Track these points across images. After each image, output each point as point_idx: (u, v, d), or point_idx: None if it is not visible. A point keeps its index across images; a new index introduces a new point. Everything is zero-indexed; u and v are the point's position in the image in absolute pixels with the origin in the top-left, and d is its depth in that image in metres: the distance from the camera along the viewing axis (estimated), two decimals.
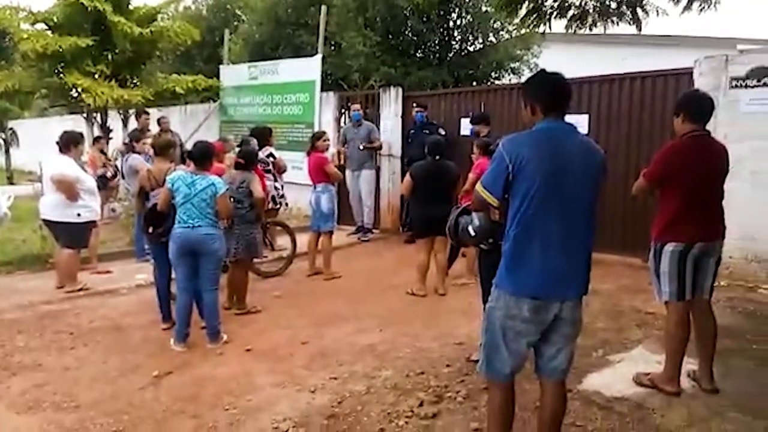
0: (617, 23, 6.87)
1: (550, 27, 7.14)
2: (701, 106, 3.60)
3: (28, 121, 21.88)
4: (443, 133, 8.33)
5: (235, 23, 15.60)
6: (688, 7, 6.19)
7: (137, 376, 4.12)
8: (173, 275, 4.89)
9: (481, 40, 12.01)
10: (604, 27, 6.97)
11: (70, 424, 3.44)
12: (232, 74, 12.11)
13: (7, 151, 19.66)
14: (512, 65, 11.78)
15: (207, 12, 16.61)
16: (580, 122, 6.98)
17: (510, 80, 11.68)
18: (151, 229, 4.93)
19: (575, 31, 7.01)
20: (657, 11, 6.67)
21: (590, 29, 6.99)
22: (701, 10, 6.14)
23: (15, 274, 6.90)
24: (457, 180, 5.91)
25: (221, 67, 12.51)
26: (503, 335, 2.66)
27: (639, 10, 6.66)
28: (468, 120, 8.01)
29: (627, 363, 4.14)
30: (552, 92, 2.68)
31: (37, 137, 17.66)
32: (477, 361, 3.73)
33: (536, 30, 7.47)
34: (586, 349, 4.21)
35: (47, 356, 4.50)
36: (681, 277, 3.55)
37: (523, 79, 10.96)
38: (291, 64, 10.87)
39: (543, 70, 2.84)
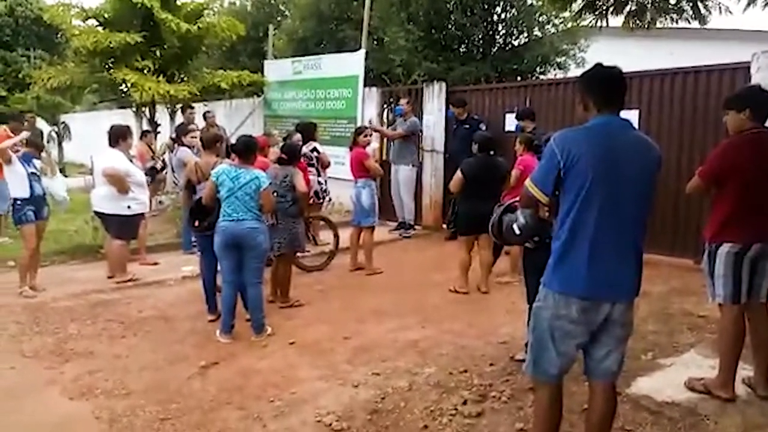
0: (677, 20, 6.63)
1: (607, 23, 6.96)
2: (765, 103, 3.46)
3: (79, 115, 22.56)
4: (485, 128, 8.25)
5: (279, 18, 15.74)
6: (752, 2, 5.92)
7: (184, 365, 4.21)
8: (219, 268, 4.97)
9: (526, 35, 11.81)
10: (664, 23, 6.75)
11: (121, 411, 3.54)
12: (276, 69, 12.23)
13: (59, 144, 20.34)
14: (558, 60, 11.53)
15: (251, 7, 16.77)
16: (630, 118, 6.77)
17: (555, 75, 11.44)
18: (196, 223, 5.02)
19: (632, 28, 6.81)
20: (720, 8, 6.41)
21: (648, 27, 6.77)
22: (766, 4, 5.87)
23: (68, 263, 7.14)
24: (506, 177, 5.85)
25: (265, 62, 12.65)
26: (551, 335, 2.61)
27: (700, 4, 6.41)
28: (513, 116, 7.91)
29: (678, 367, 4.02)
30: (606, 87, 2.61)
31: (88, 131, 18.21)
32: (522, 360, 3.69)
33: (591, 25, 7.28)
34: (635, 352, 4.11)
35: (99, 344, 4.65)
36: (736, 279, 3.42)
37: (570, 74, 10.82)
38: (334, 59, 10.91)
39: (598, 64, 2.76)
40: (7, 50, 28.40)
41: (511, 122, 8.07)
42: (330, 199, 8.06)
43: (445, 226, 8.81)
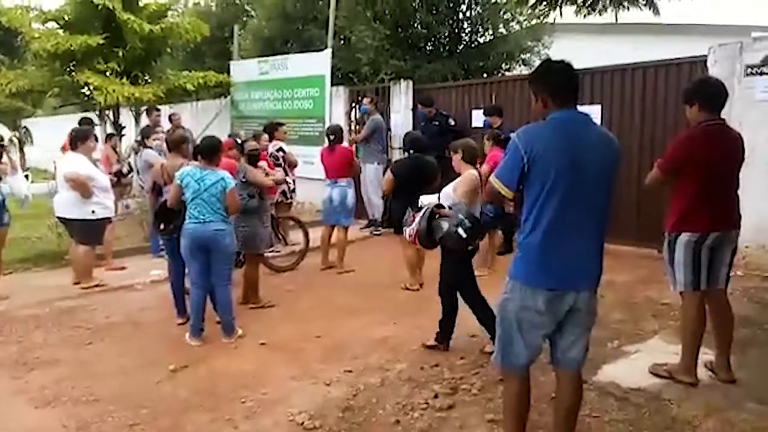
0: (627, 8, 6.77)
1: (561, 14, 7.06)
2: (715, 94, 3.55)
3: (41, 119, 22.05)
4: (453, 123, 8.33)
5: (244, 18, 15.60)
6: None
7: (154, 370, 4.15)
8: (187, 271, 4.92)
9: (491, 32, 11.90)
10: (616, 13, 6.89)
11: (89, 418, 3.49)
12: (242, 70, 12.13)
13: (21, 150, 19.85)
14: (523, 56, 11.66)
15: (216, 7, 16.60)
16: (593, 113, 6.90)
17: (521, 71, 11.58)
18: (162, 226, 4.95)
19: (585, 16, 6.92)
20: None
21: (600, 14, 6.88)
22: None
23: (32, 270, 6.99)
24: (436, 176, 5.93)
25: (231, 62, 12.54)
26: (518, 326, 2.66)
27: None
28: (479, 112, 8.00)
29: (643, 354, 4.12)
30: (560, 81, 2.66)
31: (51, 136, 17.79)
32: (491, 353, 3.75)
33: (547, 19, 7.39)
34: (601, 340, 4.20)
35: (65, 351, 4.56)
36: (696, 267, 3.52)
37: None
38: (300, 59, 10.87)
39: (548, 60, 2.81)
40: None
41: (478, 119, 8.15)
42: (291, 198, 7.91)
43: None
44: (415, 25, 11.51)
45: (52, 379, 4.05)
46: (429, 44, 11.75)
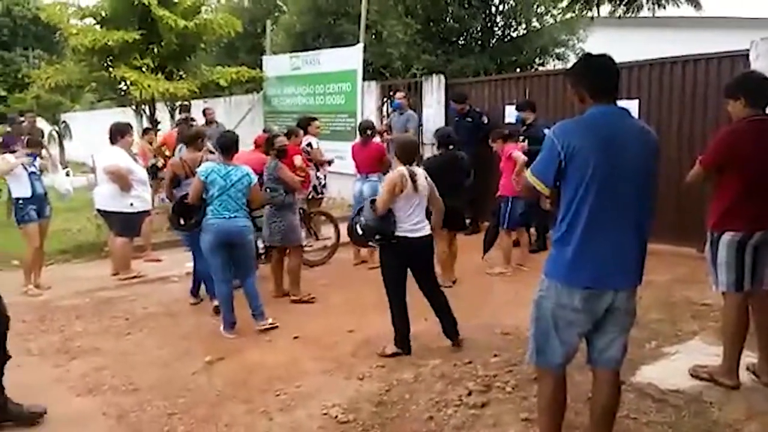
0: (664, 6, 6.61)
1: (598, 12, 6.95)
2: (760, 89, 3.45)
3: (79, 113, 22.54)
4: (486, 121, 8.25)
5: (276, 14, 15.70)
6: None
7: (191, 361, 4.24)
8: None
9: (524, 26, 11.78)
10: (653, 10, 6.73)
11: (128, 407, 3.57)
12: (274, 65, 12.22)
13: (60, 144, 20.35)
14: (557, 51, 11.51)
15: (249, 3, 16.75)
16: (630, 108, 6.76)
17: (555, 66, 11.43)
18: (182, 221, 4.97)
19: (620, 15, 6.80)
20: None
21: (635, 14, 6.74)
22: None
23: (72, 262, 7.17)
24: (469, 172, 5.96)
25: (264, 57, 12.64)
26: (554, 324, 2.62)
27: None
28: (513, 107, 7.91)
29: (682, 355, 4.03)
30: (598, 76, 2.60)
31: (89, 130, 18.19)
32: (391, 354, 4.06)
33: (583, 14, 7.27)
34: (639, 340, 4.12)
35: (105, 341, 4.68)
36: (740, 267, 3.43)
37: (569, 65, 10.79)
38: (332, 54, 10.90)
39: (587, 54, 2.76)
40: (5, 50, 28.53)
41: (511, 114, 8.07)
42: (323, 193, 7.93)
43: None
44: (447, 19, 11.44)
45: (92, 367, 4.15)
46: (461, 38, 11.68)
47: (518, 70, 11.15)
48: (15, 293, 5.76)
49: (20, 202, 5.83)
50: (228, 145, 4.78)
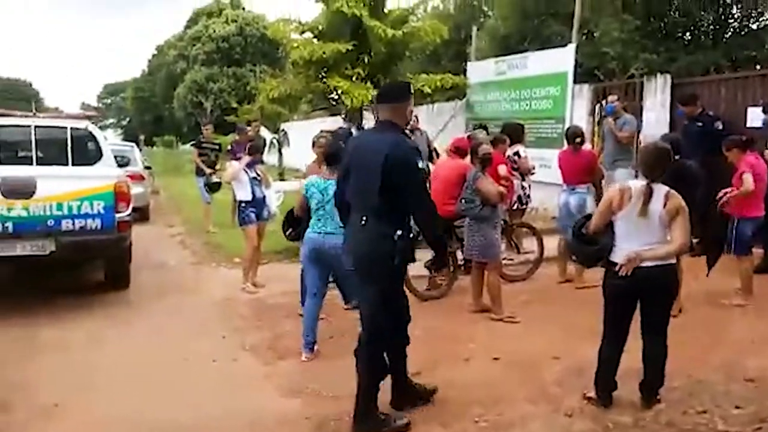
0: None
1: None
2: None
3: (296, 123, 24.61)
4: (720, 127, 7.15)
5: (481, 19, 15.57)
6: None
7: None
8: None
9: (766, 16, 10.20)
10: None
11: (329, 414, 3.58)
12: (477, 71, 12.04)
13: (279, 151, 22.37)
14: None
15: (453, 9, 16.85)
16: None
17: None
18: (289, 231, 5.22)
19: None
20: None
21: None
22: None
23: (283, 262, 7.64)
24: (700, 183, 5.08)
25: (468, 63, 12.53)
26: None
27: None
28: (758, 110, 6.77)
29: None
30: None
31: (305, 137, 19.67)
32: None
33: None
34: None
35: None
36: None
37: None
38: (541, 56, 10.38)
39: None
40: (238, 66, 32.58)
41: (755, 117, 6.90)
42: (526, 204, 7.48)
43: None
44: (671, 12, 10.34)
45: (298, 369, 4.29)
46: (688, 33, 10.47)
47: (757, 66, 9.63)
48: (235, 289, 6.31)
49: (242, 204, 6.35)
50: (330, 159, 4.64)
